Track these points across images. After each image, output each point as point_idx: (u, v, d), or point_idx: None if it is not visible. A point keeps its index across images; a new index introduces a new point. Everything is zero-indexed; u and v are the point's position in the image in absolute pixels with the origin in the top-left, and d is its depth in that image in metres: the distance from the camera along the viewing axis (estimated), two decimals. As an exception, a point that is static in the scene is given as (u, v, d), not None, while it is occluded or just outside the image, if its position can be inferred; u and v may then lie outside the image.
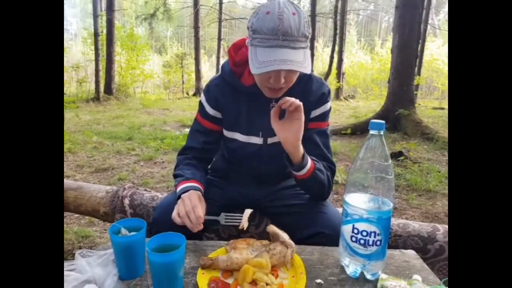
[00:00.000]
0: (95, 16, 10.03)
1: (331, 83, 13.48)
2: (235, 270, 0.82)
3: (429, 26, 14.94)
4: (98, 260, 0.79)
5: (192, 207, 0.95)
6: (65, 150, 4.21)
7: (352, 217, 0.81)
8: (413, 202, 2.88)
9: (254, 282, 0.77)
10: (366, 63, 19.92)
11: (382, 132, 0.80)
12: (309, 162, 1.04)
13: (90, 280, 0.74)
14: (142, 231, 0.79)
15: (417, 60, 7.61)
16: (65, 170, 3.52)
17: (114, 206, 1.58)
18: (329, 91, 1.19)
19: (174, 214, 0.97)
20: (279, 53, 0.92)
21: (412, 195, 3.04)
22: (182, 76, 14.68)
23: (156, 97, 13.36)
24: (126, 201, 1.57)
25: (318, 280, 0.82)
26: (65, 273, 0.72)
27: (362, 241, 0.80)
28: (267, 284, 0.76)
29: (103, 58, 10.40)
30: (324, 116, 1.18)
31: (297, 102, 0.99)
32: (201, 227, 0.94)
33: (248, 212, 0.99)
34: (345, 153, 4.62)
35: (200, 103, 1.21)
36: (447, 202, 2.89)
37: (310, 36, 0.99)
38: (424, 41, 11.74)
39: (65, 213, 2.40)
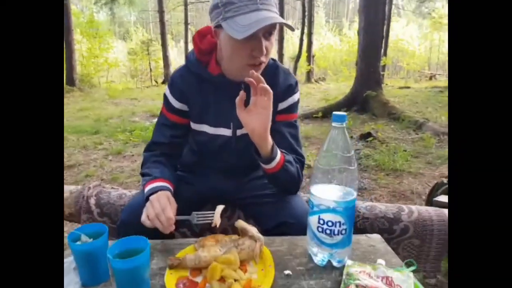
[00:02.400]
0: (51, 2, 9.43)
1: (302, 66, 13.53)
2: (203, 268, 0.81)
3: (393, 6, 15.23)
4: (58, 270, 0.76)
5: (161, 208, 0.92)
6: (26, 147, 4.00)
7: (318, 208, 0.82)
8: (381, 181, 2.99)
9: (222, 279, 0.77)
10: (335, 44, 20.14)
11: (344, 124, 0.80)
12: (279, 154, 1.02)
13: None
14: (103, 237, 0.76)
15: (383, 40, 7.77)
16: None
17: (80, 207, 1.52)
18: (296, 83, 1.17)
19: (144, 217, 0.94)
20: (261, 14, 0.91)
21: (380, 174, 3.16)
22: (149, 63, 14.21)
23: (123, 86, 12.89)
24: (92, 201, 1.51)
25: (287, 272, 0.83)
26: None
27: (328, 231, 0.82)
28: (235, 280, 0.76)
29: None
30: (292, 108, 1.16)
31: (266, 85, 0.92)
32: (172, 228, 0.92)
33: (220, 208, 0.97)
34: (316, 137, 4.70)
35: (165, 96, 1.16)
36: (412, 180, 3.02)
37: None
38: (389, 21, 11.96)
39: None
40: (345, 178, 0.80)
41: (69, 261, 0.79)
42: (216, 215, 0.93)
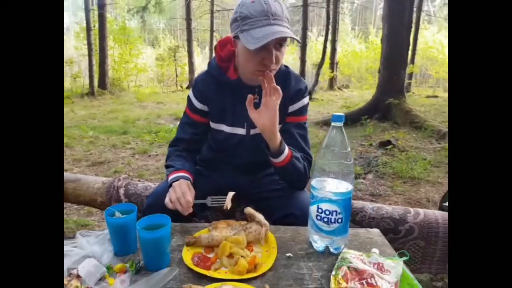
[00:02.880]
0: (87, 11, 9.98)
1: (325, 73, 13.54)
2: (215, 246, 0.94)
3: (424, 14, 14.96)
4: (95, 239, 0.91)
5: (182, 193, 1.06)
6: (61, 145, 4.31)
7: (317, 198, 0.93)
8: (397, 189, 3.02)
9: (231, 255, 0.89)
10: (361, 51, 19.93)
11: (342, 124, 0.91)
12: (286, 150, 1.14)
13: (90, 255, 0.85)
14: (133, 214, 0.90)
15: (410, 48, 7.68)
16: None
17: (110, 196, 1.69)
18: (306, 87, 1.29)
19: (167, 200, 1.08)
20: (272, 28, 1.03)
21: (397, 182, 3.18)
22: (176, 69, 14.68)
23: (150, 90, 13.36)
24: (121, 191, 1.68)
25: (288, 254, 0.94)
26: (68, 248, 0.84)
27: (325, 219, 0.92)
28: (242, 256, 0.88)
29: (96, 53, 10.39)
30: (301, 110, 1.27)
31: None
32: (190, 210, 1.06)
33: (231, 194, 1.11)
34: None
35: (188, 97, 1.31)
36: (430, 188, 3.03)
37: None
38: (417, 28, 11.76)
39: (65, 204, 2.52)
40: (341, 172, 0.91)
41: (104, 233, 0.94)
42: (228, 199, 1.07)
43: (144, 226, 0.85)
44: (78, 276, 0.80)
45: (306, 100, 1.28)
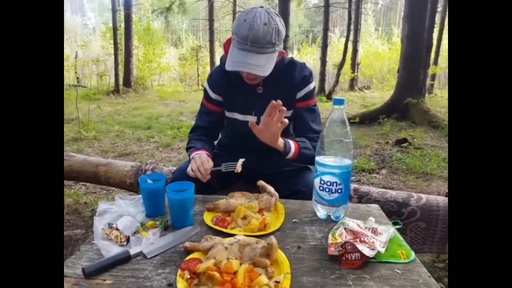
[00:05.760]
0: (114, 12, 10.39)
1: (346, 74, 13.47)
2: (232, 211, 1.09)
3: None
4: (131, 202, 1.08)
5: (201, 162, 1.23)
6: (91, 137, 4.60)
7: (320, 171, 1.06)
8: (410, 183, 3.09)
9: (245, 217, 1.04)
10: (384, 52, 19.64)
11: (342, 106, 1.04)
12: (293, 148, 1.27)
13: (125, 214, 1.02)
14: (163, 181, 1.07)
15: (432, 49, 7.55)
16: (91, 154, 3.88)
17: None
18: (310, 73, 1.41)
19: (188, 169, 1.25)
20: (246, 57, 1.18)
21: (410, 177, 3.24)
22: (197, 68, 14.99)
23: (172, 89, 13.71)
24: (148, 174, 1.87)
25: (294, 220, 1.08)
26: (109, 206, 1.01)
27: (327, 190, 1.06)
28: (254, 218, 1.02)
29: (122, 52, 10.78)
30: (309, 95, 1.41)
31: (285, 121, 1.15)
32: (208, 177, 1.22)
33: (241, 160, 1.27)
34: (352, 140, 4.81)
35: (205, 89, 1.48)
36: (442, 183, 3.08)
37: (278, 42, 1.21)
38: (442, 30, 11.49)
39: (96, 188, 2.74)
40: (341, 148, 1.04)
41: (138, 197, 1.11)
42: (238, 164, 1.24)
43: (172, 190, 1.02)
44: (117, 229, 0.97)
45: (312, 85, 1.41)
